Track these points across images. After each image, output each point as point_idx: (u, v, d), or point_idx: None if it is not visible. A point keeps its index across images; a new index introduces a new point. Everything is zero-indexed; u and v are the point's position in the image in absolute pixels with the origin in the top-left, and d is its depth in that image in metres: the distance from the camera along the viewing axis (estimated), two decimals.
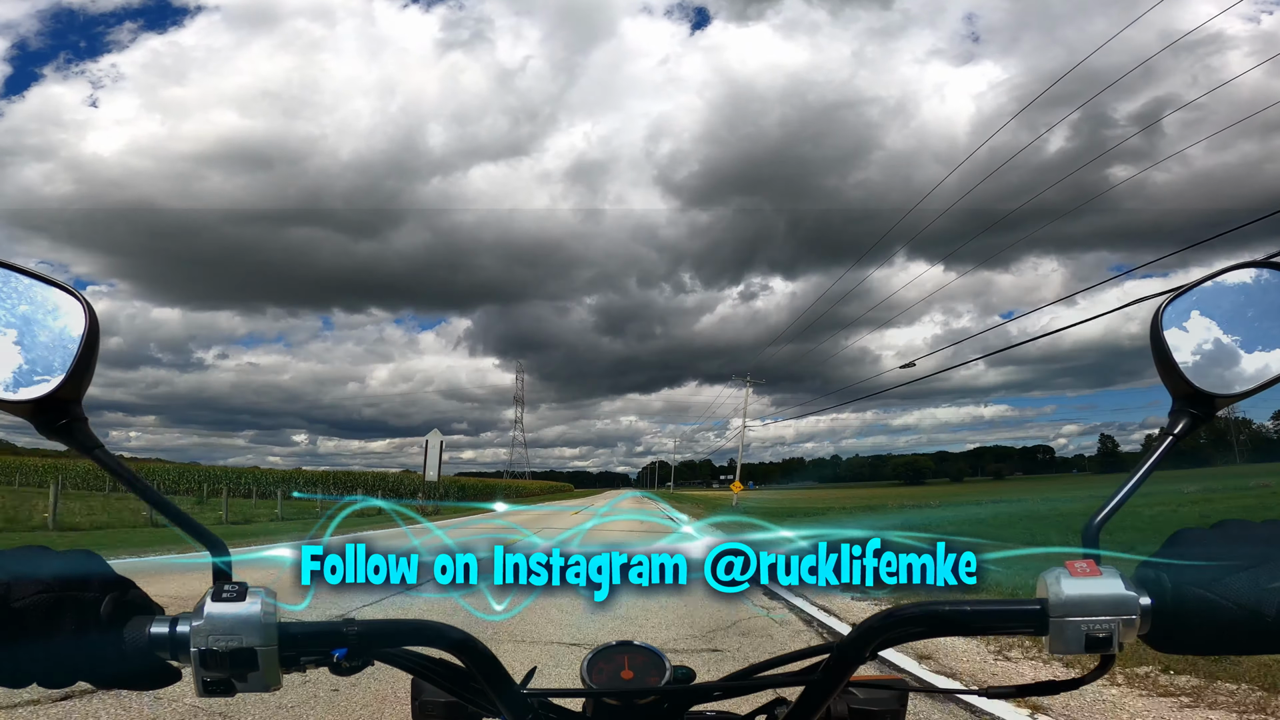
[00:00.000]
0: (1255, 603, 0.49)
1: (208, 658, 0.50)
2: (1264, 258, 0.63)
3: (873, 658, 0.58)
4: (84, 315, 0.55)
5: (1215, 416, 0.59)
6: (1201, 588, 0.51)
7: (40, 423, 0.54)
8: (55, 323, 0.56)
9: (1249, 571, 0.50)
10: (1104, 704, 3.64)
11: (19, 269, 0.57)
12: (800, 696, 0.61)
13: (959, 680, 3.91)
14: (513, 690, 0.59)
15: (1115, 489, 0.58)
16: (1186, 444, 0.61)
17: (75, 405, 0.55)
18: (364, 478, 40.66)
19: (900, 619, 0.56)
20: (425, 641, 0.57)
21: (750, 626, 5.85)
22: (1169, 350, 0.59)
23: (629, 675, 0.67)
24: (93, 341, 0.55)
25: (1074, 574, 0.53)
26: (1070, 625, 0.52)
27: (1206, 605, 0.50)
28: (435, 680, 0.62)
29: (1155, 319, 0.60)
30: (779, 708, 0.70)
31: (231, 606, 0.51)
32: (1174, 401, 0.60)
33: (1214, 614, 0.50)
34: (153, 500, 0.56)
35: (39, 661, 0.49)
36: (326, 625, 0.54)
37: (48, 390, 0.53)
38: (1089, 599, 0.52)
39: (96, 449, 0.55)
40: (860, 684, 0.70)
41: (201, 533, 0.56)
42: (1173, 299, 0.62)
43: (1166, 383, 0.60)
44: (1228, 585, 0.50)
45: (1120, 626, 0.52)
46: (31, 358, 0.55)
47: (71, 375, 0.53)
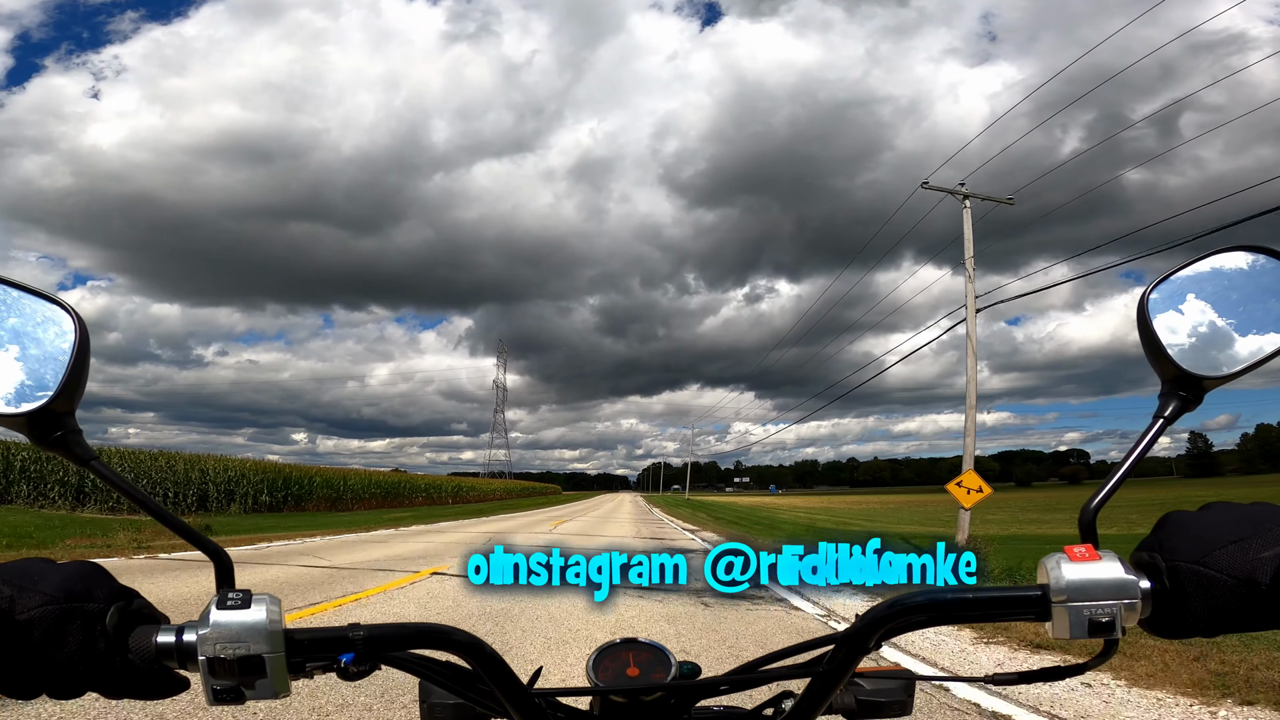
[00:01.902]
0: (1248, 572, 0.49)
1: (216, 665, 0.50)
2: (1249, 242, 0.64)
3: (877, 648, 0.59)
4: (74, 327, 0.55)
5: (1203, 398, 0.60)
6: (1195, 563, 0.51)
7: (35, 435, 0.54)
8: (46, 335, 0.56)
9: (1238, 544, 0.51)
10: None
11: (8, 281, 0.56)
12: (806, 689, 0.61)
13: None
14: (520, 690, 0.59)
15: (1108, 474, 0.58)
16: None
17: (69, 418, 0.54)
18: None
19: (904, 608, 0.56)
20: (431, 645, 0.56)
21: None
22: (1156, 333, 0.60)
23: (634, 672, 0.67)
24: (84, 354, 0.55)
25: (1074, 559, 0.53)
26: (1072, 610, 0.52)
27: (1202, 581, 0.51)
28: (442, 683, 0.62)
29: (1142, 303, 0.61)
30: (785, 700, 0.70)
31: (237, 614, 0.51)
32: (1162, 385, 0.61)
33: (1210, 588, 0.50)
34: (152, 510, 0.55)
35: (47, 673, 0.48)
36: (333, 631, 0.54)
37: (41, 404, 0.53)
38: (1090, 583, 0.52)
39: (92, 460, 0.55)
40: (866, 675, 0.70)
41: (202, 541, 0.55)
42: (1158, 282, 0.63)
43: (1154, 366, 0.61)
44: (1219, 558, 0.51)
45: (1122, 610, 0.52)
46: (23, 371, 0.55)
47: (64, 388, 0.53)
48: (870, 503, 71.38)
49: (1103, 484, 0.58)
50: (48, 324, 0.56)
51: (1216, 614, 0.51)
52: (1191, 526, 0.54)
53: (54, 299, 0.57)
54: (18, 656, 0.47)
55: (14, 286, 0.57)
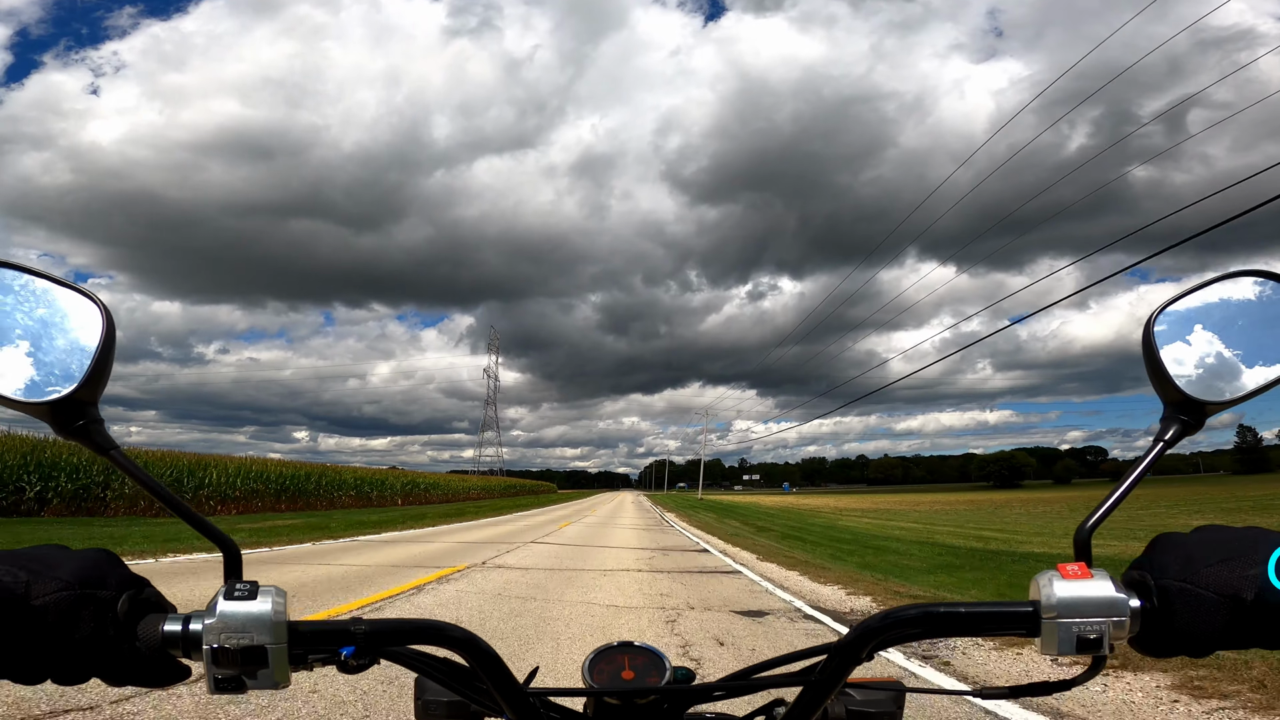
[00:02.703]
0: (1234, 589, 0.50)
1: (219, 655, 0.51)
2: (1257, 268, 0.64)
3: (870, 659, 0.59)
4: (101, 318, 0.57)
5: (1204, 424, 0.60)
6: (1183, 581, 0.52)
7: (58, 424, 0.55)
8: (72, 326, 0.58)
9: (1225, 563, 0.51)
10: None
11: (38, 273, 0.58)
12: (798, 697, 0.62)
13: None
14: (515, 689, 0.60)
15: (1106, 494, 0.59)
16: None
17: (92, 407, 0.56)
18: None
19: (897, 620, 0.57)
20: (430, 640, 0.58)
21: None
22: (1160, 357, 0.60)
23: (629, 675, 0.68)
24: (109, 344, 0.56)
25: (1066, 576, 0.54)
26: (1062, 627, 0.53)
27: (1189, 598, 0.51)
28: (439, 679, 0.63)
29: (1147, 326, 0.61)
30: (777, 708, 0.71)
31: (243, 605, 0.52)
32: (1165, 408, 0.61)
33: (1196, 606, 0.51)
34: (166, 500, 0.57)
35: (56, 658, 0.50)
36: (334, 624, 0.55)
37: (66, 392, 0.54)
38: (1080, 601, 0.53)
39: (112, 449, 0.57)
40: (857, 685, 0.71)
41: (214, 533, 0.57)
42: (1164, 307, 0.63)
43: (1157, 389, 0.61)
44: (1206, 576, 0.51)
45: (1111, 628, 0.52)
46: (50, 360, 0.56)
47: (89, 378, 0.55)
48: (921, 503, 58.88)
49: (1099, 504, 0.58)
50: (75, 315, 0.58)
51: (1202, 631, 0.51)
52: (1182, 547, 0.54)
53: (83, 291, 0.58)
54: (30, 641, 0.48)
55: (43, 277, 0.58)
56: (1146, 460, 0.59)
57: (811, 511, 40.14)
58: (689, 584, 8.96)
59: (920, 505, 44.51)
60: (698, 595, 7.95)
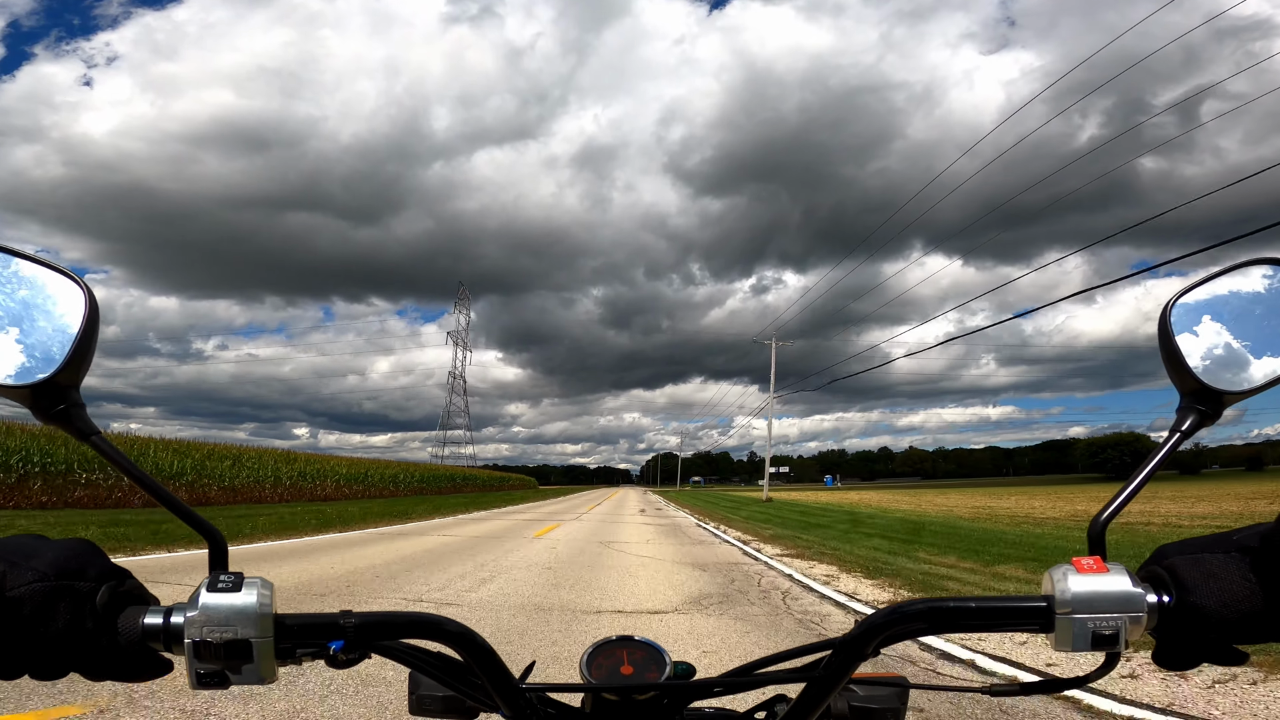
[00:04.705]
0: (1253, 586, 0.49)
1: (201, 649, 0.49)
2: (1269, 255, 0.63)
3: (875, 654, 0.58)
4: (84, 301, 0.55)
5: (1222, 414, 0.59)
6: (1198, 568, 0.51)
7: (38, 408, 0.53)
8: (55, 308, 0.56)
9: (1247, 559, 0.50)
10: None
11: (20, 253, 0.56)
12: (801, 694, 0.60)
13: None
14: (511, 684, 0.58)
15: (1121, 486, 0.57)
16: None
17: (73, 391, 0.54)
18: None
19: (904, 615, 0.55)
20: (423, 635, 0.56)
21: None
22: (1177, 346, 0.59)
23: (628, 670, 0.66)
24: (92, 327, 0.54)
25: (1080, 570, 0.52)
26: (1076, 622, 0.51)
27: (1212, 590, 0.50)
28: (433, 674, 0.61)
29: (1164, 315, 0.60)
30: (779, 705, 0.69)
31: (227, 597, 0.50)
32: (1181, 398, 0.60)
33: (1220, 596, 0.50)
34: (149, 487, 0.55)
35: (32, 652, 0.48)
36: (323, 617, 0.53)
37: (46, 376, 0.52)
38: (1095, 596, 0.51)
39: (93, 435, 0.55)
40: (861, 681, 0.69)
41: (199, 522, 0.55)
42: (1180, 295, 0.62)
43: (1174, 379, 0.59)
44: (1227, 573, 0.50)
45: (1127, 623, 0.51)
46: (30, 343, 0.54)
47: (70, 361, 0.53)
48: (1046, 501, 32.62)
49: (1114, 496, 0.57)
50: (58, 297, 0.56)
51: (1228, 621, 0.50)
52: (1199, 543, 0.53)
53: (66, 272, 0.57)
54: (4, 634, 0.47)
55: (27, 259, 0.56)
56: (1163, 451, 0.58)
57: (968, 518, 20.02)
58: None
59: (1056, 504, 28.71)
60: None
